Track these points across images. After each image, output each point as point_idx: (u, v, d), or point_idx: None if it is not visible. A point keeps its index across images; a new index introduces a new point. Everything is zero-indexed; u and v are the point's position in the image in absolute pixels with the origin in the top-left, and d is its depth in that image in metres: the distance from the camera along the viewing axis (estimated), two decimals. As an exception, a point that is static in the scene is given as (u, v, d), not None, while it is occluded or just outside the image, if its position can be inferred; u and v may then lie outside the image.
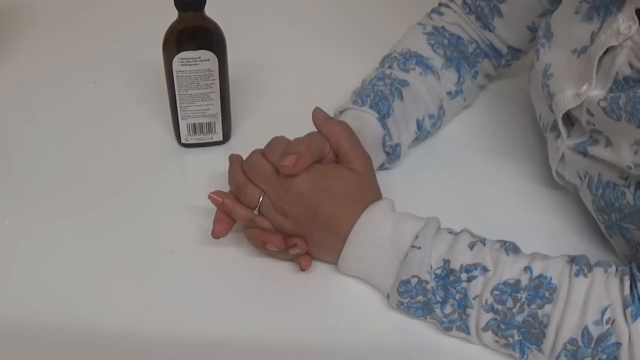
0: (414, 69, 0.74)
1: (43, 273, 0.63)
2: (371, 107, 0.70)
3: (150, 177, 0.74)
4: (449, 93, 0.77)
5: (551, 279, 0.53)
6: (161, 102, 0.77)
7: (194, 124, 0.75)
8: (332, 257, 0.62)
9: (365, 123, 0.69)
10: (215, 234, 0.62)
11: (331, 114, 0.70)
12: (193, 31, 0.70)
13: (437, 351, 0.58)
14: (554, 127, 0.66)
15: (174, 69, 0.70)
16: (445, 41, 0.78)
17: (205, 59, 0.70)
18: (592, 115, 0.59)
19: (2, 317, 0.60)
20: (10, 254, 0.65)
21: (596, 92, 0.59)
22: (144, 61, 0.84)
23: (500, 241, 0.58)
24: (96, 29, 0.97)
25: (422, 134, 0.74)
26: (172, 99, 0.74)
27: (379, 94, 0.71)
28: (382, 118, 0.70)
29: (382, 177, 0.67)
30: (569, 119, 0.64)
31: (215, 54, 0.70)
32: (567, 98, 0.61)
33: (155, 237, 0.67)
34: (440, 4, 0.81)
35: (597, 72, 0.58)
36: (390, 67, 0.75)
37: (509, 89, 0.86)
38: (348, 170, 0.62)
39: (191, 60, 0.70)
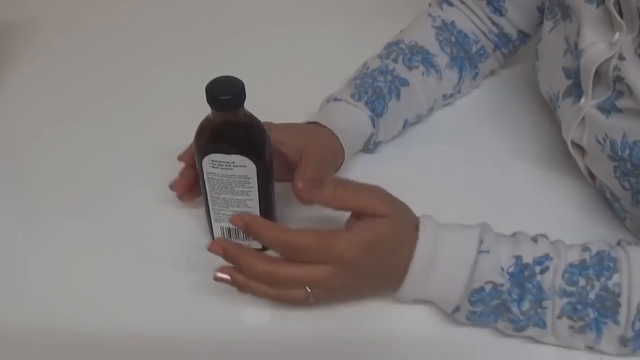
0: (417, 67, 0.75)
1: (56, 279, 0.63)
2: (366, 104, 0.71)
3: (165, 181, 0.68)
4: (444, 95, 0.79)
5: (609, 252, 0.55)
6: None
7: (229, 228, 0.62)
8: (388, 293, 0.59)
9: (356, 120, 0.70)
10: (176, 188, 0.64)
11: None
12: (229, 128, 0.56)
13: (436, 351, 0.59)
14: (569, 92, 0.66)
15: (204, 169, 0.58)
16: (453, 39, 0.78)
17: (241, 165, 0.56)
18: (623, 58, 0.58)
19: (22, 320, 0.60)
20: (26, 262, 0.65)
21: (629, 36, 0.58)
22: (149, 69, 0.86)
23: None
24: (102, 41, 0.95)
25: (403, 130, 0.76)
26: (204, 195, 0.61)
27: (377, 90, 0.72)
28: (375, 117, 0.71)
29: (391, 177, 0.63)
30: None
31: (252, 161, 0.56)
32: (600, 50, 0.60)
33: (171, 244, 0.66)
34: None
35: (622, 17, 0.57)
36: (395, 60, 0.75)
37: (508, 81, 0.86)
38: (378, 219, 0.55)
39: (224, 164, 0.57)
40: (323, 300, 0.57)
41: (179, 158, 0.64)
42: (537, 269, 0.55)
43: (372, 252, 0.54)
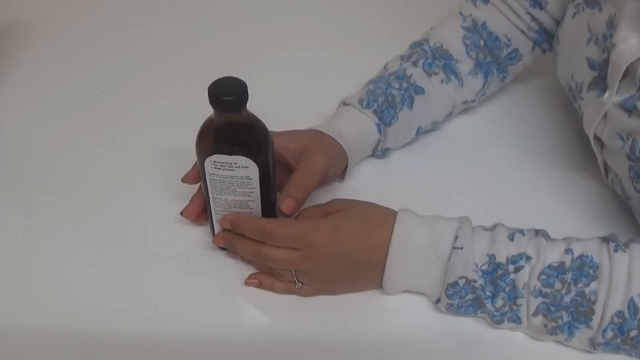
0: (437, 74, 0.74)
1: (55, 278, 0.64)
2: (375, 112, 0.71)
3: (165, 182, 0.71)
4: (465, 102, 0.77)
5: (592, 257, 0.54)
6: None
7: (230, 230, 0.62)
8: (376, 286, 0.61)
9: (362, 126, 0.70)
10: (187, 214, 0.64)
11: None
12: (231, 129, 0.56)
13: (438, 351, 0.59)
14: (594, 84, 0.63)
15: (206, 170, 0.58)
16: (482, 42, 0.75)
17: (243, 166, 0.56)
18: None
19: (22, 320, 0.60)
20: (26, 262, 0.65)
21: None
22: (150, 69, 0.86)
23: (533, 229, 0.58)
24: (102, 42, 0.95)
25: (417, 137, 0.76)
26: (206, 196, 0.61)
27: (388, 99, 0.71)
28: (383, 125, 0.71)
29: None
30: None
31: (255, 162, 0.56)
32: (632, 47, 0.57)
33: (171, 244, 0.66)
34: None
35: None
36: (414, 63, 0.74)
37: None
38: (346, 210, 0.60)
39: (226, 165, 0.57)
40: (311, 286, 0.61)
41: (183, 180, 0.64)
42: (511, 267, 0.55)
43: (338, 237, 0.58)
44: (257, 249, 0.60)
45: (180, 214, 0.65)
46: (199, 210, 0.64)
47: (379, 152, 0.73)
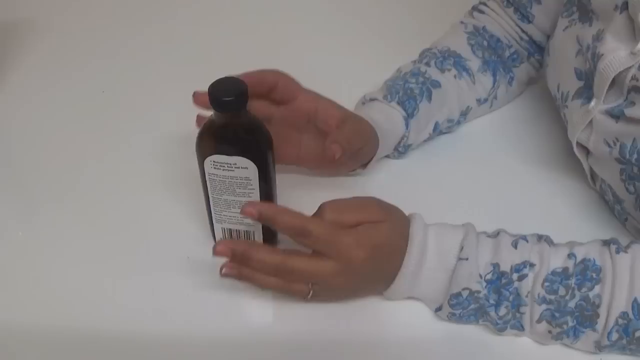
0: (449, 70, 0.75)
1: (55, 279, 0.64)
2: (399, 103, 0.71)
3: (165, 182, 0.72)
4: (478, 100, 0.77)
5: (595, 260, 0.54)
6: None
7: (230, 229, 0.62)
8: (378, 293, 0.61)
9: (391, 118, 0.71)
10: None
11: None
12: (231, 130, 0.56)
13: (439, 351, 0.59)
14: (579, 93, 0.65)
15: (206, 170, 0.58)
16: (485, 43, 0.78)
17: (243, 166, 0.56)
18: None
19: (22, 321, 0.60)
20: (26, 262, 0.65)
21: None
22: (150, 69, 0.87)
23: (536, 234, 0.58)
24: (102, 42, 0.95)
25: (434, 134, 0.76)
26: (205, 197, 0.61)
27: (408, 92, 0.72)
28: (408, 117, 0.71)
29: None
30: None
31: (254, 163, 0.56)
32: (620, 58, 0.58)
33: (170, 244, 0.66)
34: (481, 2, 0.81)
35: None
36: (427, 64, 0.75)
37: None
38: (379, 224, 0.57)
39: (225, 165, 0.57)
40: (321, 297, 0.58)
41: (194, 94, 0.61)
42: (515, 276, 0.55)
43: (374, 255, 0.55)
44: (283, 259, 0.55)
45: (193, 94, 0.61)
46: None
47: (401, 147, 0.73)
